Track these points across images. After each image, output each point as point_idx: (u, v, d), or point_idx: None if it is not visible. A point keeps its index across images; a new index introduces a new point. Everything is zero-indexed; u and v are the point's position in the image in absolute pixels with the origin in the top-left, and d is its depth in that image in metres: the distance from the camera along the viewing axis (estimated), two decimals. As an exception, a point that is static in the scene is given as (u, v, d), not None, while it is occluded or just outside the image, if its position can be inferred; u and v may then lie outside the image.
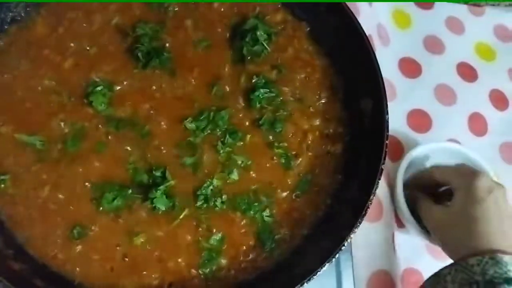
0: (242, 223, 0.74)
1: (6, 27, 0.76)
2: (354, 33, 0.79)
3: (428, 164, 0.92)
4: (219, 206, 0.74)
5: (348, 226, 0.69)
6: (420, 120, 1.01)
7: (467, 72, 1.08)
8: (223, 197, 0.74)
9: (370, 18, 0.99)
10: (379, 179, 0.71)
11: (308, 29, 0.86)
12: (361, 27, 0.79)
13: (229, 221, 0.74)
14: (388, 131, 0.74)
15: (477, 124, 1.03)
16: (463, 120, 1.03)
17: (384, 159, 0.72)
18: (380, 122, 0.75)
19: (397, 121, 0.98)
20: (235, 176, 0.76)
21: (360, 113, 0.80)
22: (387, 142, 0.73)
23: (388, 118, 0.75)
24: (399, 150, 0.97)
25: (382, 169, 0.71)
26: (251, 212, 0.75)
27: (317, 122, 0.81)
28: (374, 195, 0.70)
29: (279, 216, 0.76)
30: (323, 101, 0.82)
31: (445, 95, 1.04)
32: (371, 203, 0.69)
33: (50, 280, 0.65)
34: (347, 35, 0.81)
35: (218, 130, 0.77)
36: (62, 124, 0.74)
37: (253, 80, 0.80)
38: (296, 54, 0.84)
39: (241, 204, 0.75)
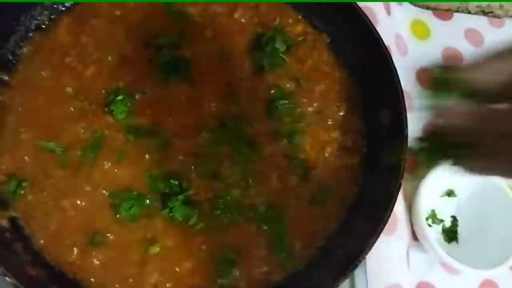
0: (257, 234, 0.74)
1: (30, 34, 0.77)
2: (373, 45, 0.79)
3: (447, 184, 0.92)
4: (236, 217, 0.74)
5: (365, 240, 0.68)
6: (438, 133, 1.00)
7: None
8: (240, 208, 0.74)
9: (389, 28, 0.99)
10: (397, 194, 0.71)
11: (328, 40, 0.86)
12: (381, 38, 0.79)
13: (244, 232, 0.74)
14: (407, 145, 0.73)
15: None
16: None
17: (403, 174, 0.72)
18: (399, 136, 0.74)
19: (415, 133, 0.97)
20: (251, 187, 0.76)
21: (379, 125, 0.80)
22: (405, 157, 0.73)
23: (407, 132, 0.74)
24: (415, 161, 0.96)
25: (400, 184, 0.71)
26: (267, 224, 0.75)
27: (336, 134, 0.81)
28: (392, 211, 0.70)
29: (294, 228, 0.76)
30: (342, 113, 0.82)
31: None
32: (388, 219, 0.69)
33: (66, 287, 0.66)
34: (366, 47, 0.81)
35: (236, 140, 0.77)
36: (82, 131, 0.74)
37: (272, 91, 0.81)
38: (315, 66, 0.84)
39: (257, 216, 0.75)
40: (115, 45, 0.79)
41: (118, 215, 0.71)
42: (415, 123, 0.97)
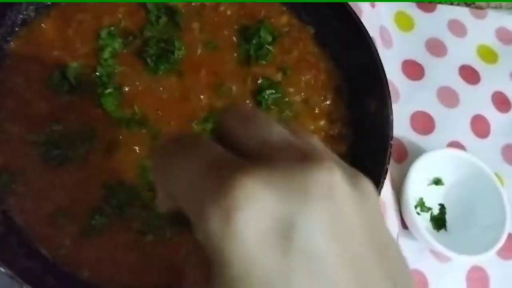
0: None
1: (17, 29, 0.77)
2: (358, 35, 0.81)
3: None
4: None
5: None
6: (423, 122, 1.02)
7: (470, 75, 1.09)
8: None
9: (373, 20, 1.00)
10: (384, 178, 0.72)
11: (313, 31, 0.87)
12: (365, 29, 0.80)
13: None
14: (392, 131, 0.75)
15: (480, 126, 1.05)
16: (466, 122, 1.04)
17: (389, 159, 0.73)
18: (384, 122, 0.76)
19: (400, 123, 0.98)
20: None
21: (365, 114, 0.81)
22: (391, 142, 0.74)
23: (392, 118, 0.76)
24: (403, 152, 0.98)
25: (387, 169, 0.72)
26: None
27: (322, 123, 0.82)
28: (379, 196, 0.71)
29: None
30: (328, 103, 0.83)
31: (448, 97, 1.05)
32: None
33: (61, 278, 0.66)
34: (351, 37, 0.82)
35: (225, 131, 0.78)
36: (72, 125, 0.74)
37: (259, 81, 0.82)
38: (301, 56, 0.85)
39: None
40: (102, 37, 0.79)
41: (110, 207, 0.71)
42: (401, 113, 0.99)
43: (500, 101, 1.08)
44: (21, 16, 0.78)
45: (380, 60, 0.79)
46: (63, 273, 0.67)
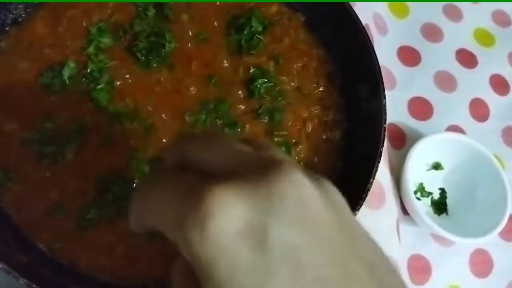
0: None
1: (7, 28, 0.78)
2: (348, 20, 0.80)
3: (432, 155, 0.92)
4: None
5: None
6: (421, 108, 1.01)
7: (467, 59, 1.08)
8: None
9: (367, 7, 1.00)
10: (379, 162, 0.71)
11: (304, 19, 0.87)
12: (355, 13, 0.80)
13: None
14: (386, 113, 0.74)
15: (479, 110, 1.04)
16: (465, 106, 1.03)
17: (383, 142, 0.73)
18: (377, 106, 0.75)
19: (398, 110, 0.98)
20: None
21: (358, 99, 0.81)
22: (385, 125, 0.74)
23: (385, 102, 0.75)
24: (401, 138, 0.97)
25: (381, 152, 0.72)
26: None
27: (316, 110, 0.82)
28: (373, 178, 0.70)
29: None
30: (321, 89, 0.83)
31: (445, 82, 1.04)
32: (371, 186, 0.70)
33: (58, 271, 0.66)
34: (341, 22, 0.82)
35: (218, 121, 0.78)
36: (65, 120, 0.75)
37: (251, 71, 0.81)
38: (292, 44, 0.85)
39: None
40: (92, 34, 0.79)
41: (106, 201, 0.72)
42: (399, 99, 0.99)
43: (498, 84, 1.07)
44: (11, 15, 0.78)
45: (372, 45, 0.79)
46: (60, 266, 0.68)
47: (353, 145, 0.79)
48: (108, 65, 0.78)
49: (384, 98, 0.75)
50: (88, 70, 0.77)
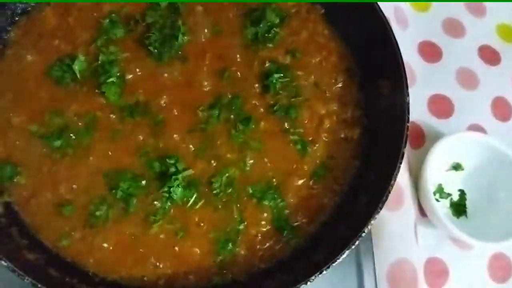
0: (258, 211, 0.73)
1: (16, 18, 0.76)
2: (371, 14, 0.77)
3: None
4: (234, 194, 0.72)
5: (368, 212, 0.66)
6: (441, 106, 0.97)
7: (489, 55, 1.04)
8: (238, 185, 0.73)
9: (387, 2, 0.96)
10: (401, 163, 0.68)
11: (323, 11, 0.84)
12: (379, 7, 0.76)
13: (244, 210, 0.72)
14: (409, 112, 0.71)
15: (501, 109, 1.00)
16: (486, 105, 0.99)
17: (406, 142, 0.70)
18: (399, 104, 0.72)
19: (417, 107, 0.95)
20: (249, 164, 0.74)
21: (378, 96, 0.78)
22: (408, 124, 0.71)
23: (409, 100, 0.72)
24: (420, 137, 0.94)
25: (403, 153, 0.69)
26: (267, 200, 0.73)
27: (334, 107, 0.79)
28: (395, 180, 0.68)
29: (296, 204, 0.74)
30: (340, 85, 0.80)
31: (467, 79, 1.00)
32: (392, 188, 0.67)
33: (64, 270, 0.65)
34: (363, 16, 0.79)
35: (231, 117, 0.76)
36: (74, 114, 0.73)
37: (266, 65, 0.79)
38: (310, 38, 0.82)
39: (257, 193, 0.73)
40: (103, 25, 0.77)
41: (116, 196, 0.70)
42: (418, 96, 0.95)
43: (522, 82, 1.03)
44: (20, 5, 0.76)
45: (395, 39, 0.75)
46: (67, 264, 0.66)
47: (373, 144, 0.76)
48: (119, 58, 0.75)
49: (408, 96, 0.72)
50: (99, 62, 0.74)
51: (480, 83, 1.01)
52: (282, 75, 0.78)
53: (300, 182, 0.75)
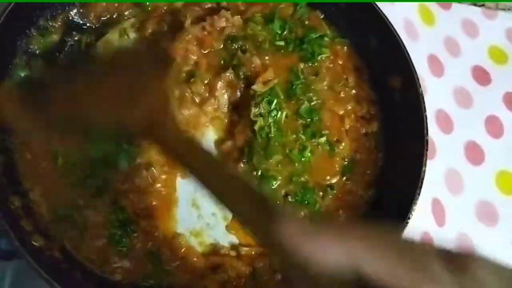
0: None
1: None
2: (371, 11, 0.80)
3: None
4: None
5: (407, 199, 0.67)
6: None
7: (481, 76, 1.07)
8: (277, 191, 0.73)
9: (396, 12, 0.95)
10: (427, 149, 0.70)
11: (322, 16, 0.86)
12: (378, 6, 0.80)
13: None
14: (424, 102, 0.74)
15: (494, 126, 1.02)
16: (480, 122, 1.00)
17: (427, 130, 0.72)
18: (413, 94, 0.75)
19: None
20: (282, 172, 0.74)
21: (390, 90, 0.80)
22: (426, 113, 0.73)
23: (421, 90, 0.75)
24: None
25: (427, 140, 0.71)
26: (305, 203, 0.73)
27: (350, 106, 0.81)
28: (425, 166, 0.69)
29: (334, 202, 0.75)
30: (352, 84, 0.83)
31: (462, 97, 1.03)
32: (425, 169, 0.69)
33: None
34: (362, 14, 0.82)
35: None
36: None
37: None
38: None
39: (295, 196, 0.74)
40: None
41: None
42: (431, 104, 0.96)
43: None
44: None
45: (399, 35, 0.78)
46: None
47: (394, 136, 0.78)
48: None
49: (420, 86, 0.75)
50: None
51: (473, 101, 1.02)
52: (300, 81, 0.79)
53: (334, 181, 0.76)
